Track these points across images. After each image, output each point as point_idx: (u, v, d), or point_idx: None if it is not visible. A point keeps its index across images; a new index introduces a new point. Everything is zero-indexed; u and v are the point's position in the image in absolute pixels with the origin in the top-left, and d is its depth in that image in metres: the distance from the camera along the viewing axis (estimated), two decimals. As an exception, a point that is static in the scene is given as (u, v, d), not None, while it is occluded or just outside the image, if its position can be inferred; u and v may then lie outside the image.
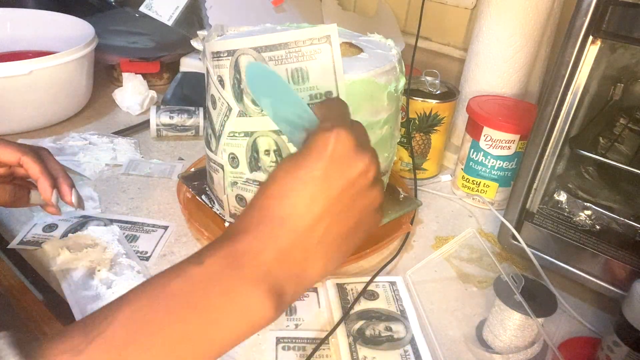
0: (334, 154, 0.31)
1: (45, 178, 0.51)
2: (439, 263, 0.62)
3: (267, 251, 0.30)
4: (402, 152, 0.78)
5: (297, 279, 0.31)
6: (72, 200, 0.53)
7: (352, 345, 0.49)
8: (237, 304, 0.29)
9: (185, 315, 0.28)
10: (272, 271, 0.30)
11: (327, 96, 0.49)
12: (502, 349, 0.50)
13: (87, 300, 0.52)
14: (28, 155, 0.50)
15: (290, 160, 0.32)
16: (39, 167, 0.50)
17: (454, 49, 0.95)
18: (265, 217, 0.31)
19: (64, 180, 0.53)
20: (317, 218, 0.31)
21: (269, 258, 0.30)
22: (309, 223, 0.31)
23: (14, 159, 0.50)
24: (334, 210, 0.31)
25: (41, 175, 0.50)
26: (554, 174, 0.60)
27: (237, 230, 0.31)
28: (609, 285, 0.55)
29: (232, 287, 0.29)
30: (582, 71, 0.52)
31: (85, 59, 0.83)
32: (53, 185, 0.52)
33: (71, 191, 0.53)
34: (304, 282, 0.32)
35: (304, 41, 0.47)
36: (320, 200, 0.31)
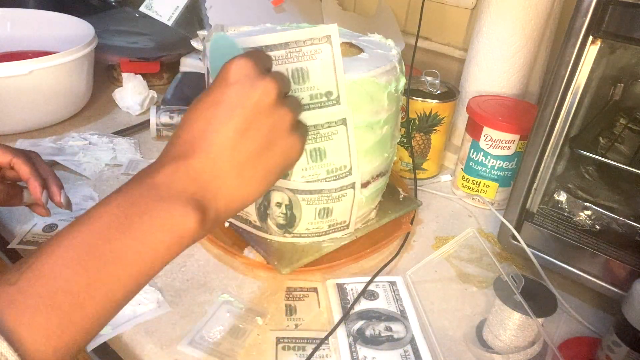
0: (232, 79, 0.34)
1: (35, 178, 0.52)
2: (439, 263, 0.62)
3: (179, 172, 0.33)
4: (402, 152, 0.78)
5: (216, 196, 0.34)
6: (62, 200, 0.54)
7: (352, 345, 0.49)
8: (157, 220, 0.31)
9: (110, 235, 0.30)
10: (187, 189, 0.33)
11: (327, 96, 0.49)
12: (502, 349, 0.50)
13: (87, 300, 0.52)
14: (19, 157, 0.52)
15: (201, 94, 0.36)
16: (29, 168, 0.52)
17: (454, 49, 0.95)
18: (177, 144, 0.34)
19: (53, 181, 0.54)
20: (223, 138, 0.34)
21: (182, 177, 0.33)
22: (216, 143, 0.34)
23: (5, 160, 0.51)
24: (238, 129, 0.34)
25: (31, 176, 0.52)
26: (554, 174, 0.60)
27: (155, 165, 0.34)
28: (609, 285, 0.55)
29: (150, 206, 0.31)
30: (582, 71, 0.52)
31: (85, 59, 0.83)
32: (43, 185, 0.53)
33: (60, 192, 0.54)
34: (227, 200, 0.35)
35: (305, 41, 0.47)
36: (224, 122, 0.34)
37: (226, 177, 0.34)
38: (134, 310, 0.51)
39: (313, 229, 0.57)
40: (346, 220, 0.58)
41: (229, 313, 0.52)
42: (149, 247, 0.31)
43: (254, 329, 0.51)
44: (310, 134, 0.50)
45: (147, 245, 0.31)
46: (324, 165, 0.52)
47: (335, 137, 0.51)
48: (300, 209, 0.55)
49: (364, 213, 0.60)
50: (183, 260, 0.59)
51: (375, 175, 0.58)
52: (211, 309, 0.53)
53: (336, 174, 0.54)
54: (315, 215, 0.56)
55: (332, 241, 0.58)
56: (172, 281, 0.56)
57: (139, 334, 0.49)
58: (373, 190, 0.59)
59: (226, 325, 0.51)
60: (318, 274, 0.58)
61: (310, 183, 0.53)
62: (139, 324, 0.50)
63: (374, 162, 0.57)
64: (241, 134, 0.34)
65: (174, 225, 0.32)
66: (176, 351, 0.48)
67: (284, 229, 0.57)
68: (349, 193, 0.55)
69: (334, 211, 0.56)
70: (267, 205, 0.55)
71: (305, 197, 0.54)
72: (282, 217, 0.56)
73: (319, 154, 0.52)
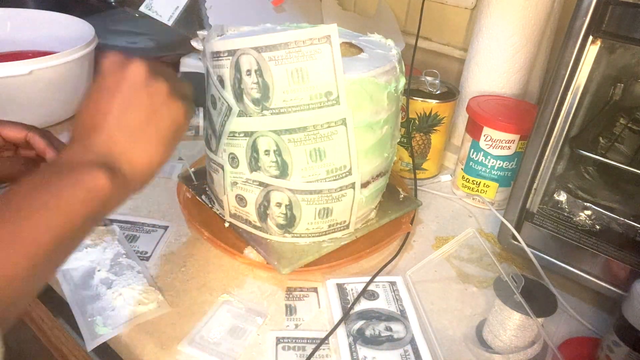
0: (107, 70, 0.41)
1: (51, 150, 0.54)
2: (439, 263, 0.62)
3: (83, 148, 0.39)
4: (402, 152, 0.78)
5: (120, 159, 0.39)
6: None
7: (352, 345, 0.49)
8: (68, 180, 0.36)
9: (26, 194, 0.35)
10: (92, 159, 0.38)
11: (327, 96, 0.49)
12: (502, 349, 0.50)
13: (87, 300, 0.52)
14: (33, 132, 0.54)
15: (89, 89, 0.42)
16: (45, 141, 0.54)
17: (454, 49, 0.95)
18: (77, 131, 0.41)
19: None
20: (111, 115, 0.40)
21: (86, 152, 0.39)
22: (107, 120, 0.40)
23: (21, 135, 0.53)
24: (121, 105, 0.40)
25: (48, 148, 0.54)
26: (554, 174, 0.60)
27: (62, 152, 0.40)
28: (609, 285, 0.55)
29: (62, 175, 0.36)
30: (582, 71, 0.52)
31: (85, 59, 0.83)
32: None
33: None
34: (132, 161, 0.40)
35: (304, 41, 0.47)
36: (109, 103, 0.40)
37: (123, 143, 0.40)
38: (134, 310, 0.51)
39: (313, 229, 0.57)
40: (346, 220, 0.58)
41: (229, 313, 0.52)
42: (64, 200, 0.35)
43: (254, 329, 0.51)
44: (310, 134, 0.50)
45: (62, 199, 0.35)
46: (323, 165, 0.52)
47: (335, 137, 0.51)
48: (300, 209, 0.55)
49: (364, 213, 0.60)
50: (183, 260, 0.59)
51: (375, 175, 0.58)
52: (211, 309, 0.53)
53: (336, 174, 0.54)
54: (315, 215, 0.56)
55: (332, 241, 0.58)
56: (172, 281, 0.56)
57: (139, 334, 0.49)
58: (373, 190, 0.59)
59: (226, 325, 0.51)
60: (318, 274, 0.58)
61: (310, 183, 0.53)
62: (139, 324, 0.50)
63: (374, 162, 0.57)
64: (125, 108, 0.40)
65: (85, 182, 0.36)
66: (176, 351, 0.48)
67: (284, 229, 0.57)
68: (349, 193, 0.55)
69: (334, 211, 0.56)
70: (267, 205, 0.55)
71: (305, 197, 0.54)
72: (282, 217, 0.56)
73: (319, 154, 0.52)
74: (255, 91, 0.49)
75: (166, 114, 0.41)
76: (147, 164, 0.41)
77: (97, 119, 0.40)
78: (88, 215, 0.36)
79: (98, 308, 0.51)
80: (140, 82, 0.40)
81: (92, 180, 0.36)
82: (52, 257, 0.35)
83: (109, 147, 0.39)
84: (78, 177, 0.36)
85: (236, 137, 0.53)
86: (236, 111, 0.52)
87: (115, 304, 0.52)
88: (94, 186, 0.36)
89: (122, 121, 0.40)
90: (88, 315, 0.50)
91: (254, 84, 0.49)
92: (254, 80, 0.49)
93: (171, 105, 0.42)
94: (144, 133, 0.41)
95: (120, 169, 0.39)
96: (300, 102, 0.49)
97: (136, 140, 0.40)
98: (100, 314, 0.51)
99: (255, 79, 0.49)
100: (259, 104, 0.50)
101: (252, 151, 0.53)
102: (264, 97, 0.49)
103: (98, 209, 0.37)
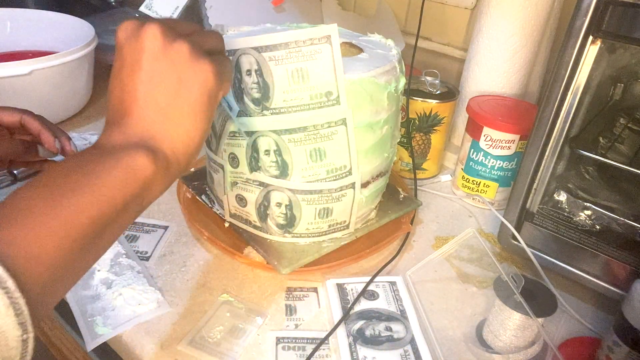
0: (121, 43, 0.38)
1: (46, 130, 0.55)
2: (439, 263, 0.62)
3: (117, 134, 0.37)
4: (402, 152, 0.78)
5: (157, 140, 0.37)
6: (72, 148, 0.57)
7: (352, 345, 0.49)
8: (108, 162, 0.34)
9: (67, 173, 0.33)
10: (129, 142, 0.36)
11: (327, 96, 0.49)
12: (502, 349, 0.50)
13: (87, 300, 0.52)
14: (27, 114, 0.55)
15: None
16: (39, 122, 0.55)
17: (454, 49, 0.95)
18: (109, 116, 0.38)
19: (62, 134, 0.57)
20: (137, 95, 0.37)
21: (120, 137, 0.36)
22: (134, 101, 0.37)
23: (15, 119, 0.54)
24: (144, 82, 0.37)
25: (42, 129, 0.55)
26: (554, 174, 0.60)
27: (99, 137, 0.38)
28: (609, 285, 0.55)
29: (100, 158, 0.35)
30: (582, 71, 0.52)
31: (85, 59, 0.83)
32: (55, 136, 0.56)
33: (69, 142, 0.57)
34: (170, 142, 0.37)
35: (304, 41, 0.47)
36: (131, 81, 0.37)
37: (157, 123, 0.37)
38: (134, 310, 0.51)
39: (313, 229, 0.57)
40: (346, 220, 0.58)
41: (229, 313, 0.52)
42: (103, 181, 0.33)
43: (254, 329, 0.51)
44: (310, 134, 0.50)
45: (101, 179, 0.33)
46: (324, 165, 0.52)
47: (335, 137, 0.51)
48: (300, 209, 0.55)
49: (364, 213, 0.60)
50: (183, 260, 0.59)
51: (375, 175, 0.58)
52: (211, 309, 0.53)
53: (336, 174, 0.54)
54: (315, 215, 0.56)
55: (332, 241, 0.58)
56: (172, 281, 0.56)
57: (139, 334, 0.49)
58: (373, 190, 0.59)
59: (226, 325, 0.51)
60: (318, 274, 0.58)
61: (310, 183, 0.53)
62: (139, 324, 0.50)
63: (374, 162, 0.57)
64: (149, 84, 0.37)
65: (125, 163, 0.35)
66: (176, 351, 0.48)
67: (284, 229, 0.57)
68: (349, 193, 0.55)
69: (334, 211, 0.56)
70: (267, 205, 0.55)
71: (305, 197, 0.54)
72: (282, 217, 0.56)
73: (319, 154, 0.52)
74: (256, 91, 0.49)
75: (195, 80, 0.37)
76: (186, 140, 0.38)
77: (126, 100, 0.37)
78: (129, 198, 0.35)
79: (98, 308, 0.51)
80: (158, 49, 0.37)
81: (132, 162, 0.35)
82: (91, 239, 0.33)
83: (144, 129, 0.37)
84: (117, 159, 0.35)
85: (236, 137, 0.53)
86: (236, 111, 0.52)
87: (115, 304, 0.52)
88: (134, 167, 0.35)
89: (150, 99, 0.37)
90: (88, 315, 0.50)
91: (254, 84, 0.49)
92: (254, 80, 0.49)
93: (197, 68, 0.37)
94: (175, 108, 0.37)
95: (161, 149, 0.37)
96: (300, 102, 0.49)
97: (169, 118, 0.37)
98: (100, 314, 0.51)
99: (256, 79, 0.49)
100: (259, 104, 0.50)
101: (252, 151, 0.53)
102: (264, 97, 0.49)
103: (140, 191, 0.35)
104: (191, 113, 0.38)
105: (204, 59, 0.38)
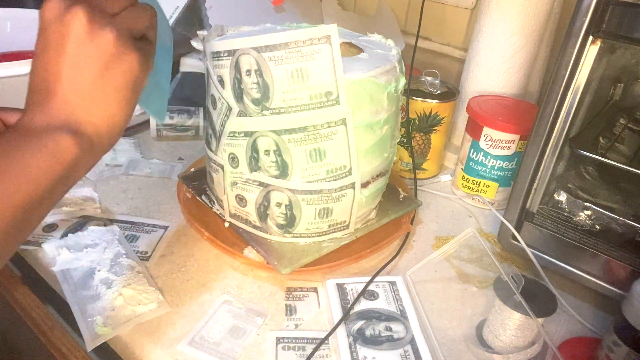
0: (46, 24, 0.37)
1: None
2: (439, 263, 0.62)
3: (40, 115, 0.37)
4: (402, 152, 0.78)
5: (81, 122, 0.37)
6: None
7: (352, 345, 0.49)
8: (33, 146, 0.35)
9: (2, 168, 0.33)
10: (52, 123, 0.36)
11: (327, 96, 0.49)
12: (502, 349, 0.50)
13: (87, 300, 0.52)
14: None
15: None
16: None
17: (454, 49, 0.95)
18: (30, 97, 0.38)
19: None
20: (61, 77, 0.37)
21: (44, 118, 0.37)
22: (58, 83, 0.37)
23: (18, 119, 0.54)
24: (69, 65, 0.37)
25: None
26: (554, 174, 0.60)
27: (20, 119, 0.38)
28: (609, 285, 0.55)
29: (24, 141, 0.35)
30: (582, 71, 0.52)
31: (85, 59, 0.83)
32: None
33: None
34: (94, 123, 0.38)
35: (304, 41, 0.47)
36: (56, 64, 0.37)
37: (81, 107, 0.37)
38: (134, 310, 0.51)
39: (313, 229, 0.57)
40: (346, 220, 0.58)
41: (229, 313, 0.52)
42: (28, 165, 0.34)
43: (254, 329, 0.51)
44: (310, 134, 0.50)
45: (28, 165, 0.34)
46: (323, 165, 0.52)
47: (335, 137, 0.51)
48: (300, 209, 0.55)
49: (364, 213, 0.60)
50: (183, 260, 0.59)
51: (375, 175, 0.58)
52: (211, 309, 0.53)
53: (336, 174, 0.54)
54: (315, 215, 0.56)
55: (332, 241, 0.58)
56: (172, 281, 0.56)
57: (139, 334, 0.49)
58: (373, 190, 0.59)
59: (226, 325, 0.51)
60: (318, 274, 0.58)
61: (310, 183, 0.53)
62: (139, 324, 0.50)
63: (373, 162, 0.57)
64: (74, 69, 0.37)
65: (49, 147, 0.35)
66: (176, 351, 0.48)
67: (284, 229, 0.57)
68: (349, 193, 0.55)
69: (334, 211, 0.56)
70: (267, 205, 0.55)
71: (305, 197, 0.54)
72: (282, 217, 0.56)
73: (319, 154, 0.52)
74: (255, 91, 0.49)
75: (119, 68, 0.38)
76: (110, 124, 0.39)
77: (50, 82, 0.37)
78: (56, 180, 0.36)
79: (98, 308, 0.51)
80: (84, 36, 0.36)
81: (57, 146, 0.35)
82: (19, 221, 0.34)
83: (68, 112, 0.37)
84: (42, 144, 0.35)
85: (236, 137, 0.53)
86: (236, 111, 0.52)
87: (115, 304, 0.52)
88: (58, 151, 0.36)
89: (75, 84, 0.37)
90: (88, 315, 0.50)
91: (254, 84, 0.49)
92: (254, 80, 0.49)
93: (123, 57, 0.38)
94: (100, 93, 0.38)
95: (85, 132, 0.37)
96: (300, 102, 0.49)
97: (94, 102, 0.38)
98: (100, 314, 0.51)
99: (255, 79, 0.49)
100: (259, 104, 0.50)
101: (252, 151, 0.53)
102: (264, 97, 0.49)
103: (65, 173, 0.36)
104: (116, 98, 0.38)
105: (130, 47, 0.38)
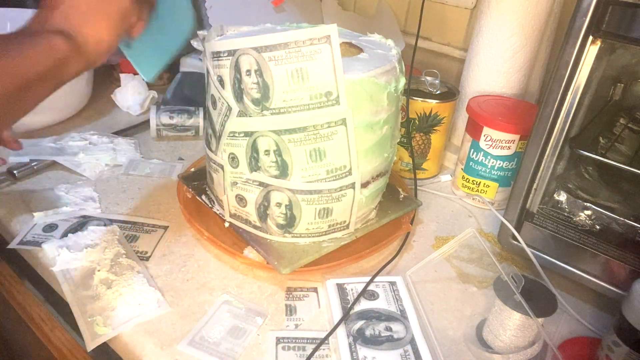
0: None
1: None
2: (439, 263, 0.62)
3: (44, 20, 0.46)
4: (402, 152, 0.78)
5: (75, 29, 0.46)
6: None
7: (352, 345, 0.49)
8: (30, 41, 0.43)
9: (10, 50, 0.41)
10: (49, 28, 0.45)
11: (327, 96, 0.49)
12: (502, 349, 0.50)
13: (87, 300, 0.52)
14: None
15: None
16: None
17: (454, 49, 0.95)
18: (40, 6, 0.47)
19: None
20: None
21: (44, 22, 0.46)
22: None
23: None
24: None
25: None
26: (554, 174, 0.60)
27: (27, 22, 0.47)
28: (609, 285, 0.55)
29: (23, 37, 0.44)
30: (582, 71, 0.52)
31: (85, 59, 0.83)
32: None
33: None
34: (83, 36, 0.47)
35: (304, 41, 0.47)
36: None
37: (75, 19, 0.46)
38: (134, 310, 0.51)
39: (313, 229, 0.57)
40: (346, 220, 0.58)
41: (229, 313, 0.52)
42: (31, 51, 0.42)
43: (254, 329, 0.51)
44: (310, 134, 0.50)
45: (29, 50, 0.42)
46: (323, 165, 0.52)
47: (335, 137, 0.51)
48: (300, 209, 0.55)
49: (364, 213, 0.60)
50: (183, 260, 0.59)
51: (375, 175, 0.58)
52: (211, 309, 0.53)
53: (336, 174, 0.54)
54: (315, 215, 0.56)
55: (332, 241, 0.58)
56: (172, 281, 0.56)
57: (139, 334, 0.49)
58: (373, 190, 0.59)
59: (226, 325, 0.51)
60: (318, 274, 0.58)
61: (310, 183, 0.53)
62: (139, 324, 0.50)
63: (374, 162, 0.57)
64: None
65: (44, 43, 0.44)
66: (176, 351, 0.48)
67: (284, 229, 0.57)
68: (349, 193, 0.55)
69: (334, 211, 0.56)
70: (267, 206, 0.55)
71: (305, 197, 0.54)
72: (282, 217, 0.56)
73: (319, 154, 0.52)
74: (255, 91, 0.49)
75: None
76: (97, 40, 0.48)
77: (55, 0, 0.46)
78: (49, 68, 0.43)
79: (98, 308, 0.51)
80: None
81: (50, 42, 0.44)
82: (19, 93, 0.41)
83: (64, 20, 0.46)
84: (39, 40, 0.43)
85: (236, 137, 0.53)
86: (236, 111, 0.52)
87: (115, 304, 0.52)
88: (51, 46, 0.44)
89: (75, 4, 0.46)
90: (88, 315, 0.50)
91: (254, 84, 0.49)
92: (254, 80, 0.49)
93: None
94: (93, 15, 0.47)
95: (75, 39, 0.46)
96: (300, 102, 0.49)
97: (87, 20, 0.47)
98: (100, 314, 0.51)
99: (255, 79, 0.49)
100: (259, 104, 0.50)
101: (252, 151, 0.53)
102: (264, 97, 0.49)
103: (56, 64, 0.44)
104: (105, 20, 0.48)
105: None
